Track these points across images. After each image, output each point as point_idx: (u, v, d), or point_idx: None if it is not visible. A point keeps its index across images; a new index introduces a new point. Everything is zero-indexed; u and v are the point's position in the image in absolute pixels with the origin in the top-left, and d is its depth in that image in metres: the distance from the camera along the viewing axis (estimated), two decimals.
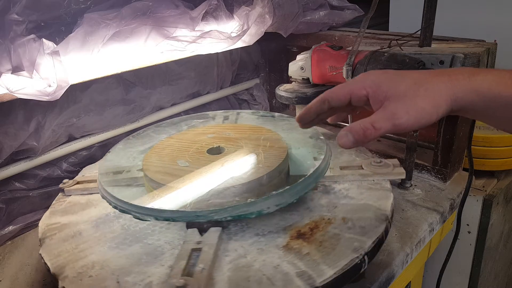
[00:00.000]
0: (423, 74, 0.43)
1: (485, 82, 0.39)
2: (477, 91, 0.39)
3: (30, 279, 0.62)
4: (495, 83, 0.39)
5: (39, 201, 0.80)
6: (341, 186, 0.64)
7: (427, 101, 0.40)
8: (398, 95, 0.41)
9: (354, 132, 0.42)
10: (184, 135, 0.76)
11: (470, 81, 0.40)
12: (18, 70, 0.57)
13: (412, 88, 0.41)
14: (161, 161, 0.67)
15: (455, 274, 1.01)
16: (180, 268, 0.47)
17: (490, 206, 0.91)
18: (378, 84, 0.42)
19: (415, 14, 0.78)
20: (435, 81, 0.41)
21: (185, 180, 0.60)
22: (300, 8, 0.93)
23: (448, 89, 0.40)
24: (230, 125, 0.82)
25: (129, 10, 0.65)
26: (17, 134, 0.73)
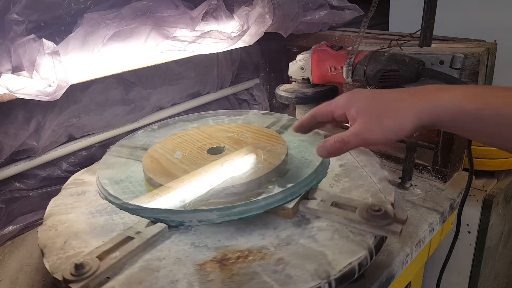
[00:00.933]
0: (394, 94, 0.47)
1: (450, 98, 0.42)
2: (444, 107, 0.42)
3: (30, 279, 0.62)
4: (460, 97, 0.41)
5: (39, 201, 0.79)
6: (318, 224, 0.56)
7: (391, 120, 0.44)
8: (367, 114, 0.46)
9: (328, 144, 0.49)
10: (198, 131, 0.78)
11: (437, 98, 0.43)
12: (18, 70, 0.57)
13: (380, 108, 0.46)
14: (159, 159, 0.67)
15: (455, 274, 1.01)
16: (101, 249, 0.51)
17: (490, 206, 0.91)
18: (352, 104, 0.48)
19: (415, 14, 0.78)
20: (402, 100, 0.45)
21: (173, 181, 0.61)
22: (300, 8, 0.93)
23: (414, 106, 0.44)
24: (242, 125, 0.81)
25: (129, 10, 0.65)
26: (17, 134, 0.73)
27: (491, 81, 0.76)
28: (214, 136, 0.75)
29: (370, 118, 0.46)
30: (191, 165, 0.65)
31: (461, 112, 0.41)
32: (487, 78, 0.74)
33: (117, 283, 0.47)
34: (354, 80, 0.74)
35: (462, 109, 0.41)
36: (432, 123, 0.43)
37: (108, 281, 0.48)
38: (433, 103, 0.42)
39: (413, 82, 0.69)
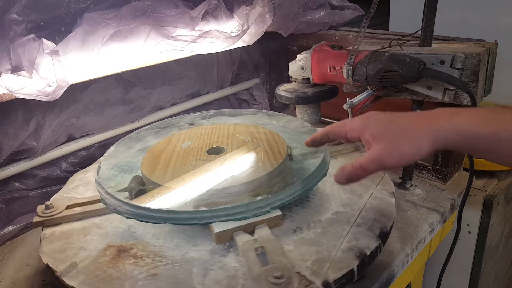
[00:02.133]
0: (408, 118, 0.47)
1: (464, 122, 0.43)
2: (457, 131, 0.43)
3: (30, 279, 0.62)
4: (473, 122, 0.43)
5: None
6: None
7: (408, 145, 0.45)
8: (384, 139, 0.46)
9: (346, 171, 0.49)
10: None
11: (450, 122, 0.44)
12: (17, 70, 0.57)
13: (396, 133, 0.46)
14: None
15: (456, 274, 1.01)
16: (75, 201, 0.62)
17: (490, 206, 0.91)
18: (367, 128, 0.48)
19: (415, 14, 0.78)
20: (417, 125, 0.46)
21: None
22: (300, 8, 0.93)
23: (429, 132, 0.45)
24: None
25: (129, 9, 0.65)
26: (16, 134, 0.73)
27: (492, 81, 0.76)
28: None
29: (387, 144, 0.46)
30: (183, 166, 0.65)
31: (476, 136, 0.43)
32: (488, 78, 0.73)
33: (60, 229, 0.61)
34: (355, 80, 0.74)
35: (477, 133, 0.42)
36: (447, 146, 0.45)
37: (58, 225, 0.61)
38: (448, 127, 0.44)
39: (413, 82, 0.69)
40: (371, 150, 0.47)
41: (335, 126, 0.54)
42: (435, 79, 0.67)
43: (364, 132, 0.48)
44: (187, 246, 0.56)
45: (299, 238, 0.55)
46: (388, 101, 0.77)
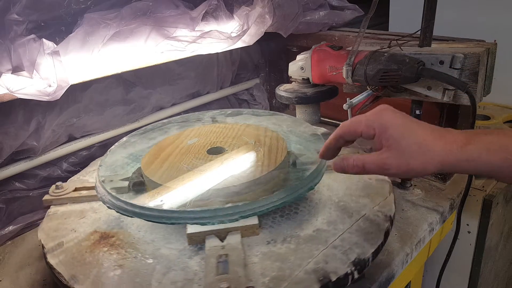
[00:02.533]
0: (424, 135, 0.46)
1: (475, 151, 0.43)
2: (468, 160, 0.44)
3: (30, 279, 0.62)
4: (485, 151, 0.43)
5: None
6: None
7: (418, 163, 0.45)
8: (397, 149, 0.46)
9: (346, 164, 0.49)
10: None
11: (462, 151, 0.44)
12: (18, 70, 0.57)
13: (409, 148, 0.45)
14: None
15: (455, 274, 1.01)
16: (84, 184, 0.67)
17: (490, 206, 0.91)
18: (386, 129, 0.46)
19: (415, 14, 0.78)
20: (430, 146, 0.45)
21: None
22: (300, 8, 0.93)
23: (440, 156, 0.45)
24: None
25: (129, 10, 0.65)
26: (17, 134, 0.73)
27: (491, 81, 0.76)
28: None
29: (397, 154, 0.46)
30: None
31: (486, 165, 0.43)
32: (487, 78, 0.74)
33: (63, 209, 0.66)
34: (354, 80, 0.74)
35: (488, 162, 0.43)
36: (453, 171, 0.46)
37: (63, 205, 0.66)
38: (459, 155, 0.44)
39: (413, 82, 0.69)
40: (379, 153, 0.46)
41: (347, 126, 0.50)
42: (434, 79, 0.68)
43: (382, 133, 0.46)
44: (162, 242, 0.57)
45: (269, 251, 0.53)
46: (387, 101, 0.77)
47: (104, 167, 0.68)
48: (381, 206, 0.62)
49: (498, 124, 1.04)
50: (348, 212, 0.61)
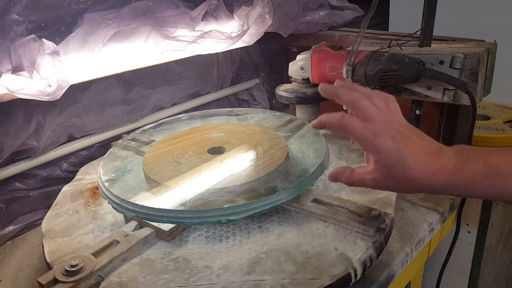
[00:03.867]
0: (420, 153, 0.45)
1: (461, 181, 0.43)
2: (455, 188, 0.44)
3: (30, 279, 0.62)
4: (470, 181, 0.43)
5: (39, 201, 0.80)
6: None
7: (411, 184, 0.45)
8: (390, 169, 0.45)
9: (344, 176, 0.49)
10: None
11: (447, 180, 0.44)
12: (18, 70, 0.57)
13: (400, 174, 0.44)
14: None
15: (455, 274, 1.01)
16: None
17: (490, 206, 0.91)
18: (381, 146, 0.45)
19: (415, 14, 0.79)
20: (427, 166, 0.44)
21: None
22: (300, 8, 0.93)
23: (430, 182, 0.44)
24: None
25: (129, 10, 0.65)
26: (17, 134, 0.73)
27: (491, 81, 0.76)
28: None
29: (392, 176, 0.45)
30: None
31: (471, 191, 0.43)
32: (487, 78, 0.74)
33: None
34: (354, 80, 0.74)
35: (473, 188, 0.43)
36: (446, 192, 0.45)
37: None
38: (443, 184, 0.44)
39: (413, 82, 0.69)
40: (374, 170, 0.46)
41: (349, 121, 0.47)
42: (434, 79, 0.68)
43: (376, 147, 0.45)
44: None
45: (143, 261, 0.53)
46: None
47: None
48: (365, 241, 0.56)
49: (498, 124, 1.04)
50: (312, 244, 0.56)
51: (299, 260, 0.51)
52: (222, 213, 0.53)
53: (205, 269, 0.50)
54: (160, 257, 0.54)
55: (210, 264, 0.51)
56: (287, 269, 0.49)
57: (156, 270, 0.51)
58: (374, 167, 0.46)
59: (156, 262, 0.52)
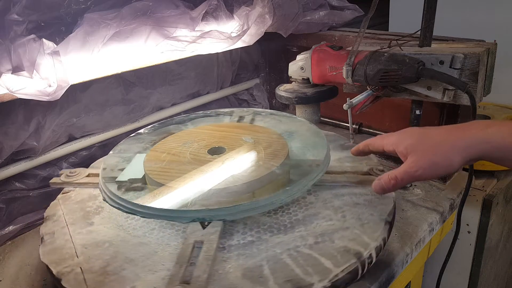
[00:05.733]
0: (442, 131, 0.49)
1: (498, 133, 0.44)
2: (490, 142, 0.44)
3: (30, 279, 0.62)
4: (508, 133, 0.44)
5: (39, 201, 0.80)
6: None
7: (441, 157, 0.47)
8: (417, 152, 0.49)
9: (383, 182, 0.52)
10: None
11: (483, 133, 0.45)
12: (18, 70, 0.57)
13: (429, 146, 0.48)
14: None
15: (455, 274, 1.01)
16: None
17: (490, 206, 0.91)
18: (402, 142, 0.51)
19: (415, 14, 0.78)
20: (450, 138, 0.47)
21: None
22: (300, 8, 0.93)
23: (461, 143, 0.46)
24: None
25: (129, 10, 0.65)
26: (17, 134, 0.73)
27: (491, 81, 0.76)
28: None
29: (420, 157, 0.48)
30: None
31: (509, 146, 0.44)
32: (487, 78, 0.74)
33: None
34: (354, 80, 0.74)
35: (510, 143, 0.43)
36: (479, 157, 0.46)
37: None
38: (480, 138, 0.45)
39: (413, 82, 0.69)
40: (405, 163, 0.50)
41: (374, 140, 0.57)
42: (434, 79, 0.68)
43: (399, 145, 0.51)
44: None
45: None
46: (387, 101, 0.77)
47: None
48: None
49: None
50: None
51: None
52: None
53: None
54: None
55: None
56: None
57: None
58: (408, 156, 0.49)
59: None
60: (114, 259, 0.53)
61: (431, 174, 0.48)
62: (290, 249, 0.52)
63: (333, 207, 0.60)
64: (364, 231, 0.54)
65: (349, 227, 0.55)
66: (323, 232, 0.55)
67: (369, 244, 0.52)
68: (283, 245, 0.53)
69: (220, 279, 0.48)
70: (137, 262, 0.52)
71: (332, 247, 0.52)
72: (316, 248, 0.52)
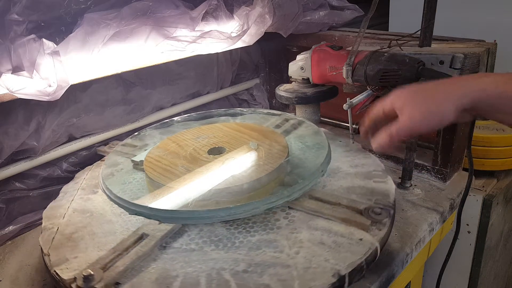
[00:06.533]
0: (436, 83, 0.49)
1: (492, 82, 0.44)
2: (485, 90, 0.44)
3: (30, 279, 0.62)
4: (502, 82, 0.43)
5: (39, 201, 0.79)
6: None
7: (434, 106, 0.46)
8: (412, 104, 0.48)
9: (380, 138, 0.51)
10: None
11: (478, 82, 0.44)
12: (18, 70, 0.57)
13: (423, 97, 0.48)
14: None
15: (455, 274, 1.01)
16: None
17: (490, 206, 0.91)
18: (398, 97, 0.50)
19: (415, 14, 0.78)
20: (443, 88, 0.47)
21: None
22: (300, 8, 0.93)
23: (455, 91, 0.45)
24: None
25: (129, 10, 0.65)
26: (17, 134, 0.73)
27: None
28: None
29: (415, 108, 0.47)
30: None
31: (502, 95, 0.43)
32: None
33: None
34: (354, 80, 0.74)
35: (504, 92, 0.43)
36: (472, 107, 0.45)
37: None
38: (474, 86, 0.44)
39: (413, 82, 0.69)
40: (401, 116, 0.49)
41: (373, 108, 0.55)
42: (434, 79, 0.67)
43: (396, 101, 0.50)
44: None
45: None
46: None
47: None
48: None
49: (498, 124, 1.04)
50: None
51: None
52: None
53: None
54: None
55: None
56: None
57: None
58: (403, 107, 0.48)
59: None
60: (83, 229, 0.59)
61: (425, 124, 0.47)
62: (215, 269, 0.50)
63: (294, 239, 0.54)
64: (300, 276, 0.48)
65: (291, 266, 0.49)
66: (260, 262, 0.50)
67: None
68: (214, 262, 0.51)
69: (132, 275, 0.49)
70: (95, 237, 0.57)
71: (254, 281, 0.48)
72: (238, 277, 0.49)
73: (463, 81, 0.46)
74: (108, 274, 0.49)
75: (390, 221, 0.56)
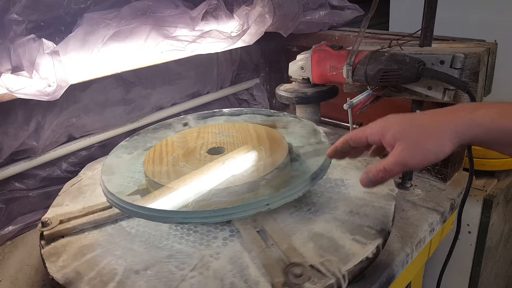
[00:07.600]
0: (429, 115, 0.47)
1: (487, 116, 0.42)
2: (480, 125, 0.43)
3: (30, 279, 0.62)
4: (497, 115, 0.42)
5: (39, 201, 0.79)
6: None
7: (431, 142, 0.45)
8: (405, 139, 0.46)
9: (371, 174, 0.49)
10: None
11: (472, 116, 0.43)
12: (18, 70, 0.57)
13: (418, 131, 0.46)
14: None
15: (456, 274, 1.01)
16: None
17: (490, 206, 0.91)
18: (388, 129, 0.47)
19: (415, 14, 0.78)
20: (439, 123, 0.45)
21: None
22: (300, 8, 0.93)
23: (450, 128, 0.44)
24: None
25: (129, 10, 0.65)
26: (17, 134, 0.73)
27: (491, 81, 0.76)
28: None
29: (409, 143, 0.45)
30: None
31: (498, 129, 0.42)
32: (488, 78, 0.73)
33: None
34: (354, 80, 0.74)
35: (500, 126, 0.42)
36: (469, 141, 0.44)
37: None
38: (469, 121, 0.43)
39: (413, 82, 0.69)
40: (393, 151, 0.47)
41: (355, 132, 0.52)
42: (435, 79, 0.67)
43: (385, 134, 0.47)
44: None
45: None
46: (388, 101, 0.77)
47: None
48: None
49: None
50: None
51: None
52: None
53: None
54: None
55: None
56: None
57: None
58: (396, 144, 0.46)
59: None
60: (92, 185, 0.70)
61: (422, 161, 0.45)
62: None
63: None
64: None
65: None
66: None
67: None
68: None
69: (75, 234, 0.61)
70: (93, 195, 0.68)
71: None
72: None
73: (456, 115, 0.44)
74: (61, 226, 0.60)
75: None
